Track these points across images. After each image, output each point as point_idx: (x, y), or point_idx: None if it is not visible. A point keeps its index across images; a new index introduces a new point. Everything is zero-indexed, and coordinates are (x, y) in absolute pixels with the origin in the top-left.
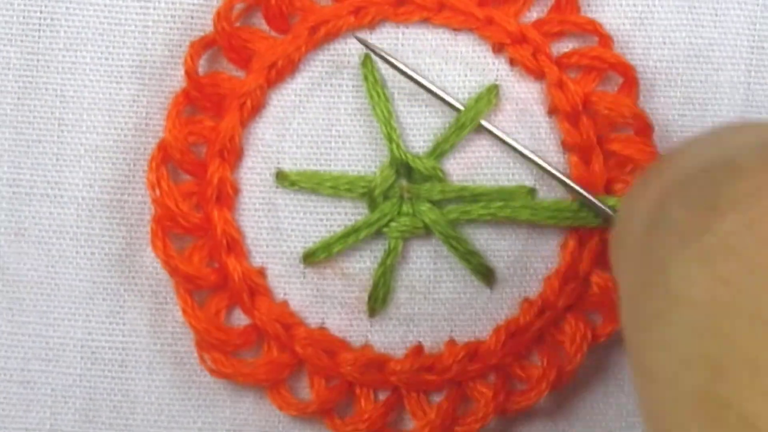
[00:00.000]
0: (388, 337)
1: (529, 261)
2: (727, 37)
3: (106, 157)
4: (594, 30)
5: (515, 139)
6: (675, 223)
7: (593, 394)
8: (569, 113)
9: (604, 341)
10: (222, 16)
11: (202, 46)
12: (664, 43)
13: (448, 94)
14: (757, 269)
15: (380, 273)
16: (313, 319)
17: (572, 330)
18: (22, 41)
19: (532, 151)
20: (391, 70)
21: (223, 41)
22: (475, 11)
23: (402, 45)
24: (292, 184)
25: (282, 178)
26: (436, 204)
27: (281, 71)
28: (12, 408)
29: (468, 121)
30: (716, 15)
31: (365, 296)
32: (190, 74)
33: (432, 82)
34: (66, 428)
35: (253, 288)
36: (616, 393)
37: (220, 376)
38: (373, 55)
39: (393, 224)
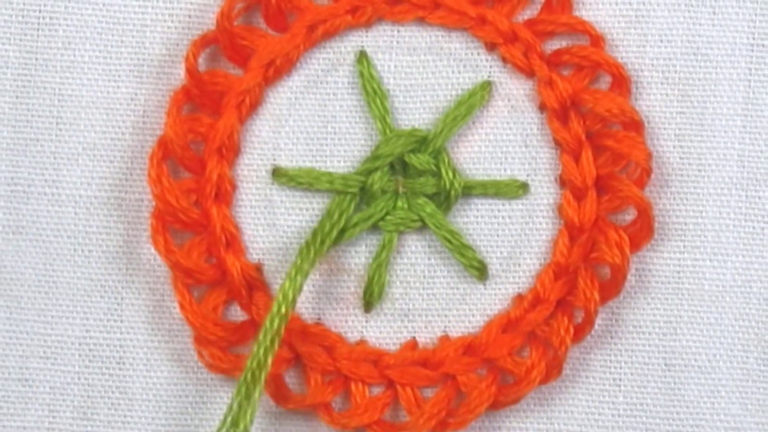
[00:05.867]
0: (383, 332)
1: (521, 257)
2: (726, 35)
3: (104, 155)
4: (584, 29)
5: (506, 135)
6: None
7: (589, 392)
8: (558, 110)
9: (590, 334)
10: (225, 15)
11: (203, 44)
12: (661, 41)
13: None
14: None
15: (375, 267)
16: (309, 315)
17: (557, 324)
18: (20, 40)
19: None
20: (386, 68)
21: (223, 39)
22: (468, 10)
23: (397, 43)
24: (290, 180)
25: (279, 174)
26: (431, 198)
27: (279, 69)
28: (10, 406)
29: (461, 117)
30: (714, 13)
31: (360, 291)
32: (191, 71)
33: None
34: (64, 426)
35: (251, 283)
36: (611, 391)
37: (218, 371)
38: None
39: (388, 218)
